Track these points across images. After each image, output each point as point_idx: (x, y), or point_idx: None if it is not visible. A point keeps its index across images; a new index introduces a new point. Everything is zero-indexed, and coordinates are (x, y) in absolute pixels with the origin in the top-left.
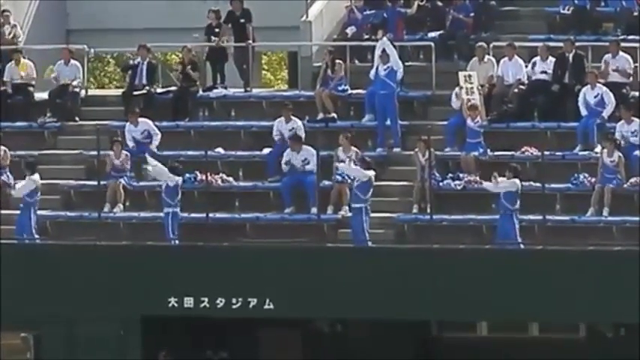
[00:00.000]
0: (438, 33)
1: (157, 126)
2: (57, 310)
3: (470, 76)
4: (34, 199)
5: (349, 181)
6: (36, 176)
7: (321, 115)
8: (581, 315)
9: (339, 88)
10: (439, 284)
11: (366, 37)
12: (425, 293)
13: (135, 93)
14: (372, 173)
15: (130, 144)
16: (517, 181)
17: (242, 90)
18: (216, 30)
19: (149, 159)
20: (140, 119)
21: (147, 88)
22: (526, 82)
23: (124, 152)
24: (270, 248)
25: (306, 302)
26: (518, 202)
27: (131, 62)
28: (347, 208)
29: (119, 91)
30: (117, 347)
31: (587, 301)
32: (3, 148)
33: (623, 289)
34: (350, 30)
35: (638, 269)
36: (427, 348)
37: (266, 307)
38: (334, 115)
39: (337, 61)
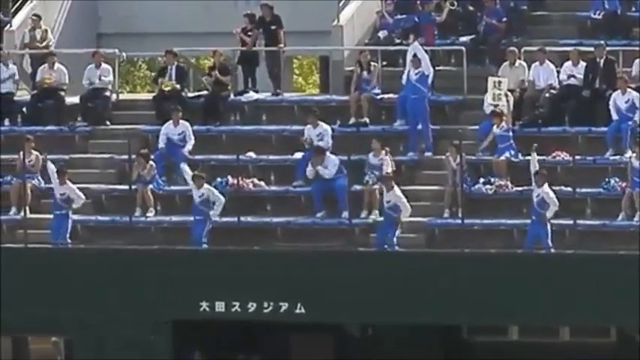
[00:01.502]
0: (470, 37)
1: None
2: (88, 315)
3: (500, 82)
4: (72, 206)
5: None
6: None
7: (352, 120)
8: (612, 319)
9: (374, 92)
10: (470, 288)
11: (398, 41)
12: (456, 297)
13: (166, 96)
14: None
15: (162, 144)
16: (556, 200)
17: (273, 94)
18: (249, 34)
19: (185, 169)
20: (181, 121)
21: (176, 86)
22: (557, 86)
23: (150, 163)
24: (302, 252)
25: (337, 307)
26: (553, 209)
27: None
28: (377, 212)
29: (150, 95)
30: (148, 352)
31: (618, 304)
32: (35, 153)
33: None
34: (381, 34)
35: None
36: (458, 352)
37: (297, 311)
38: (366, 119)
39: (373, 63)
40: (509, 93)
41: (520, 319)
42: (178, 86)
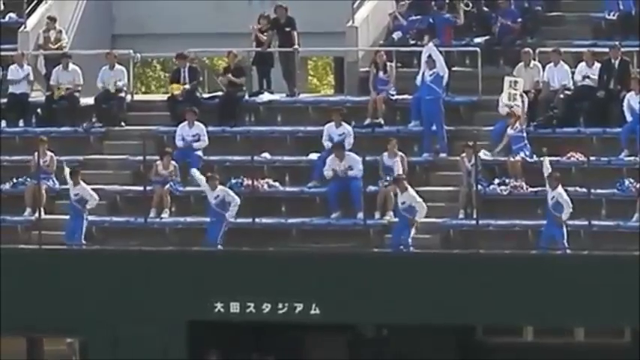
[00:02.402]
0: (484, 38)
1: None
2: (103, 316)
3: (516, 82)
4: (87, 207)
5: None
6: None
7: (368, 121)
8: (627, 320)
9: (390, 92)
10: (485, 289)
11: (412, 42)
12: (470, 298)
13: (181, 99)
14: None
15: (179, 144)
16: (570, 202)
17: (288, 95)
18: (265, 35)
19: (195, 174)
20: (196, 122)
21: (189, 86)
22: (572, 87)
23: (173, 163)
24: (316, 253)
25: (352, 308)
26: (568, 210)
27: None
28: (392, 213)
29: (165, 96)
30: (163, 353)
31: (633, 306)
32: (50, 154)
33: None
34: (396, 35)
35: None
36: (472, 353)
37: (312, 312)
38: (381, 120)
39: (389, 63)
40: (524, 93)
41: (535, 320)
42: (187, 86)
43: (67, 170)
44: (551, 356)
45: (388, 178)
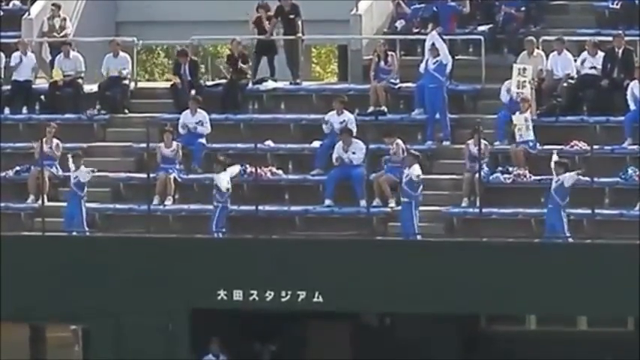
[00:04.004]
0: (488, 27)
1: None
2: (105, 304)
3: (524, 69)
4: (84, 192)
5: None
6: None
7: (371, 109)
8: (630, 309)
9: (392, 81)
10: (488, 278)
11: (416, 30)
12: (474, 287)
13: (183, 86)
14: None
15: (182, 131)
16: (574, 174)
17: (292, 83)
18: (264, 23)
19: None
20: (199, 110)
21: (191, 82)
22: (575, 76)
23: (175, 142)
24: (320, 241)
25: (355, 296)
26: (568, 198)
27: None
28: (394, 201)
29: (168, 84)
30: (165, 340)
31: (636, 295)
32: (55, 141)
33: None
34: (399, 23)
35: None
36: (475, 341)
37: (315, 300)
38: (384, 108)
39: (390, 53)
40: (532, 81)
41: (538, 309)
42: (178, 80)
43: (70, 160)
44: (554, 345)
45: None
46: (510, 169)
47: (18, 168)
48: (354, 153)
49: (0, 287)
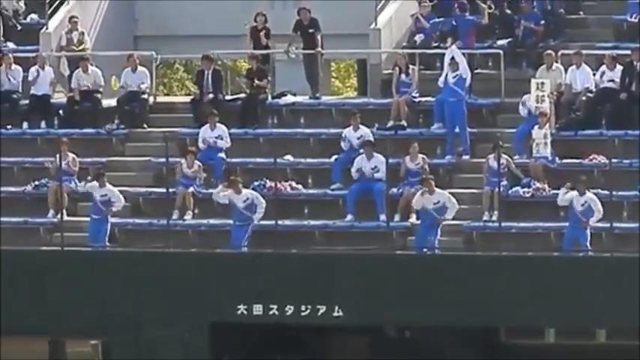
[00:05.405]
0: (507, 40)
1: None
2: (126, 318)
3: (543, 83)
4: (112, 209)
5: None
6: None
7: (391, 123)
8: None
9: (413, 95)
10: (508, 291)
11: (435, 44)
12: (494, 300)
13: (203, 100)
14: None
15: (202, 146)
16: (600, 207)
17: (311, 97)
18: (261, 34)
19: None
20: (218, 124)
21: (212, 94)
22: (594, 89)
23: (197, 163)
24: (339, 255)
25: (375, 309)
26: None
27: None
28: (415, 216)
29: (188, 98)
30: (185, 354)
31: None
32: (72, 155)
33: None
34: (418, 37)
35: None
36: (495, 354)
37: (335, 314)
38: (404, 122)
39: (411, 66)
40: (551, 95)
41: (557, 322)
42: (197, 91)
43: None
44: (573, 358)
45: (412, 180)
46: (530, 182)
47: (37, 183)
48: (375, 167)
49: (18, 302)
